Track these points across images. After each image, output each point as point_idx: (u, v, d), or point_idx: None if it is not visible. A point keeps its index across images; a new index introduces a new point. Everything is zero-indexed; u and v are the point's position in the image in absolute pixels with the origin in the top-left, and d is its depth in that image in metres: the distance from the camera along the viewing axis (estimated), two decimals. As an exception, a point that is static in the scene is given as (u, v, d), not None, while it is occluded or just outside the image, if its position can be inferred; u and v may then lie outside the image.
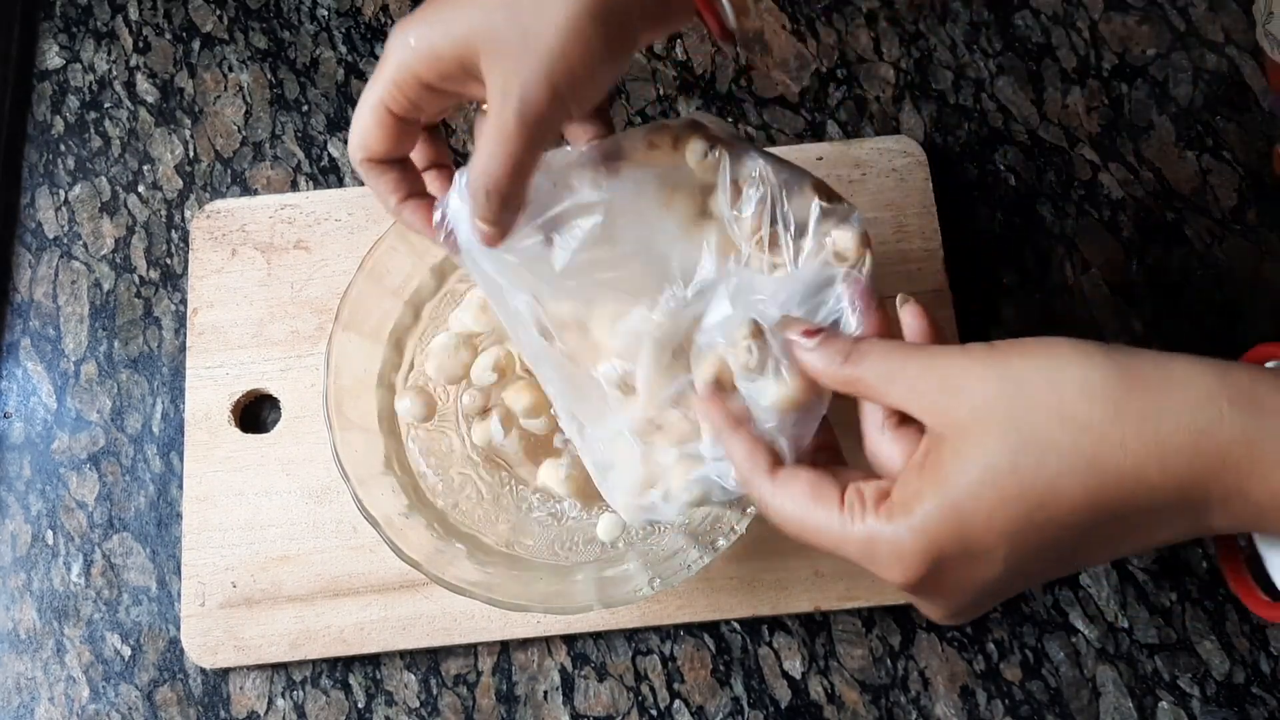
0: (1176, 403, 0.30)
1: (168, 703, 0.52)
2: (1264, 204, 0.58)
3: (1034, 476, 0.30)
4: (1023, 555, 0.31)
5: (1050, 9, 0.62)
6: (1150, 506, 0.30)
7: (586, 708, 0.51)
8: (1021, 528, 0.31)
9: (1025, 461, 0.30)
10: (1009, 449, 0.30)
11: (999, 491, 0.30)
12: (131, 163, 0.61)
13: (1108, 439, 0.30)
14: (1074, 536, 0.31)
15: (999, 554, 0.31)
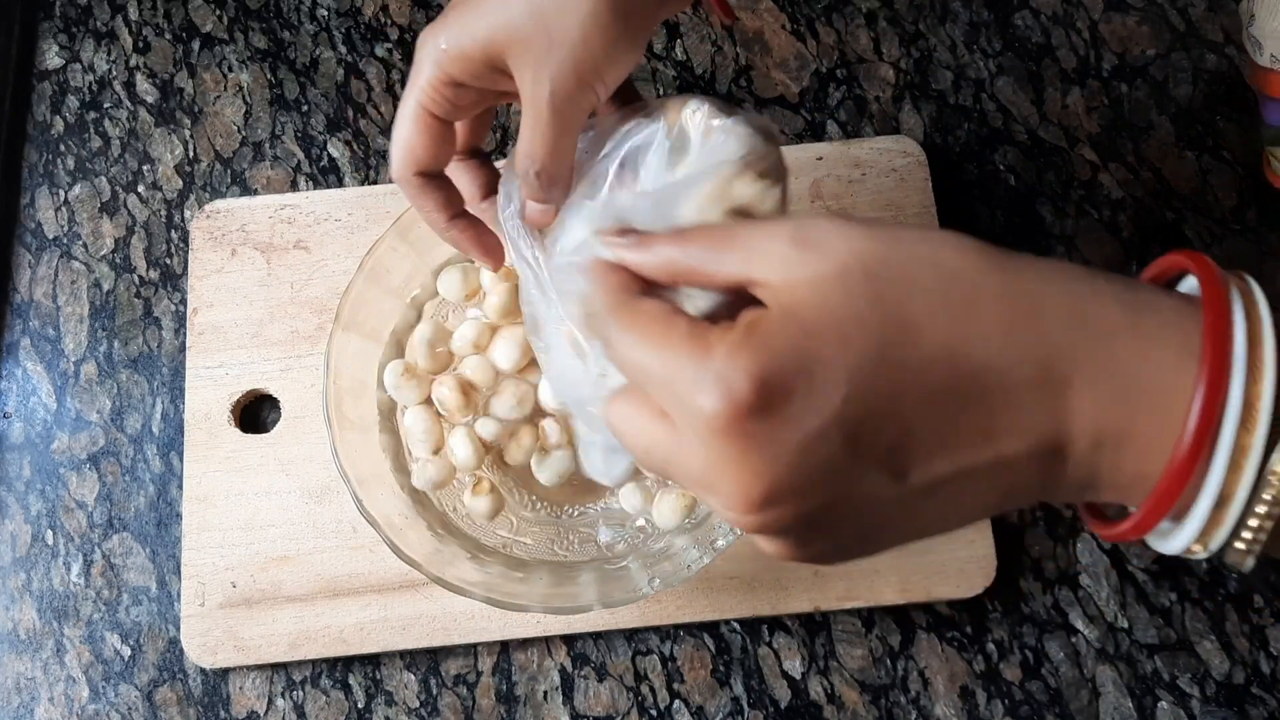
0: (1054, 273, 0.28)
1: (167, 703, 0.52)
2: (1264, 204, 0.58)
3: (897, 311, 0.27)
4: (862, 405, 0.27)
5: (1050, 9, 0.62)
6: (1010, 376, 0.27)
7: (586, 708, 0.51)
8: (871, 364, 0.27)
9: (890, 295, 0.27)
10: (874, 281, 0.27)
11: (856, 316, 0.27)
12: (131, 163, 0.61)
13: (981, 287, 0.27)
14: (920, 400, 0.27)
15: (838, 391, 0.27)
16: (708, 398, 0.27)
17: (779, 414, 0.27)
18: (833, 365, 0.27)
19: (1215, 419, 0.26)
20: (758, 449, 0.27)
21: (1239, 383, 0.26)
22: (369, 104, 0.62)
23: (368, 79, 0.62)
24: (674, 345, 0.28)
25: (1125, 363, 0.27)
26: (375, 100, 0.62)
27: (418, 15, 0.63)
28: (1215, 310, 0.27)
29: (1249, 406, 0.26)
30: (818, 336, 0.27)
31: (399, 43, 0.63)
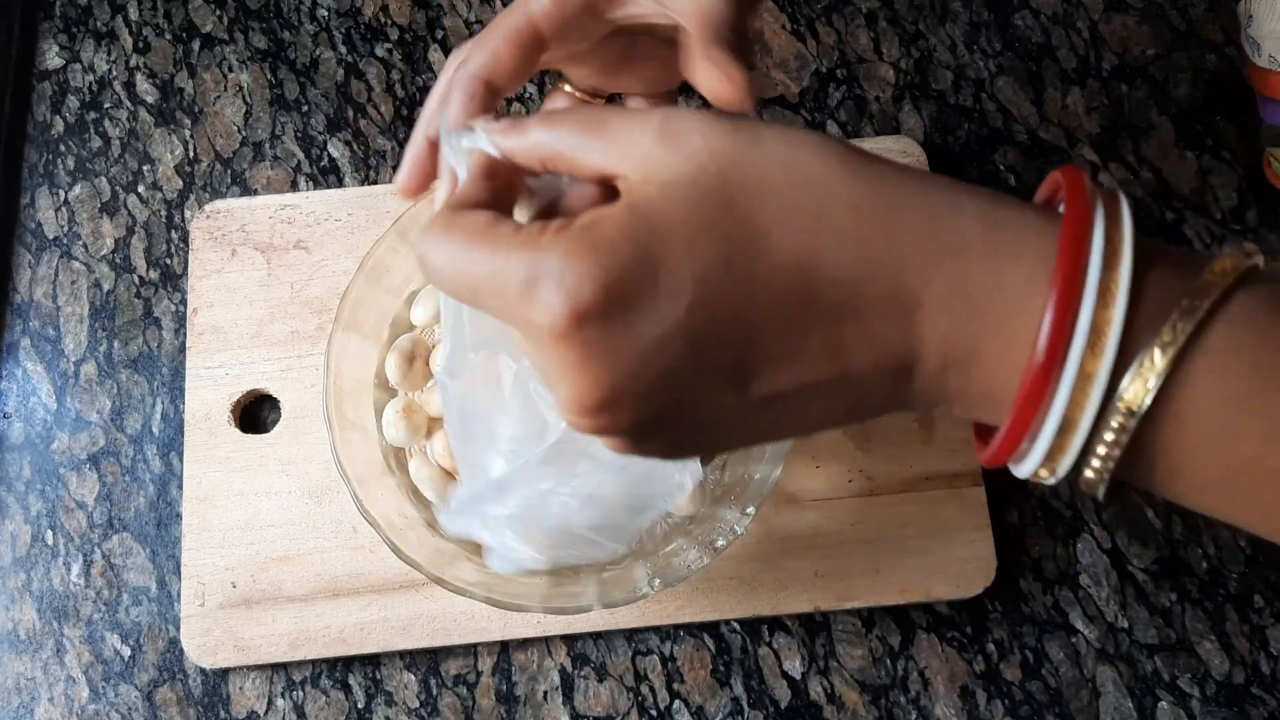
0: (913, 184, 0.27)
1: (167, 703, 0.52)
2: (1264, 204, 0.58)
3: (749, 216, 0.26)
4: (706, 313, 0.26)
5: (1050, 9, 0.62)
6: (860, 291, 0.26)
7: (586, 708, 0.51)
8: (718, 271, 0.26)
9: (743, 200, 0.26)
10: (728, 185, 0.26)
11: (706, 221, 0.26)
12: (131, 163, 0.61)
13: (836, 196, 0.26)
14: (766, 310, 0.26)
15: (683, 298, 0.25)
16: (542, 301, 0.25)
17: (618, 319, 0.25)
18: (678, 271, 0.26)
19: (1063, 344, 0.25)
20: (597, 355, 0.26)
21: (1089, 307, 0.25)
22: (369, 104, 0.62)
23: (368, 79, 0.62)
24: (501, 248, 0.26)
25: (976, 281, 0.26)
26: (375, 100, 0.62)
27: (417, 15, 0.63)
28: (1073, 230, 0.26)
29: (1097, 331, 0.25)
30: (664, 239, 0.26)
31: (399, 43, 0.63)
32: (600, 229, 0.26)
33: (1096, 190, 0.27)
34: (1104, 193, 0.27)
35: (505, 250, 0.26)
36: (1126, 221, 0.26)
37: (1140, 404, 0.25)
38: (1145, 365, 0.25)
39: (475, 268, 0.27)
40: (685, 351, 0.26)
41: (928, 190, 0.27)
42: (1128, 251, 0.26)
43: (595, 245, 0.25)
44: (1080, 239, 0.26)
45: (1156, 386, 0.25)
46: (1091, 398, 0.25)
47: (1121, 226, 0.26)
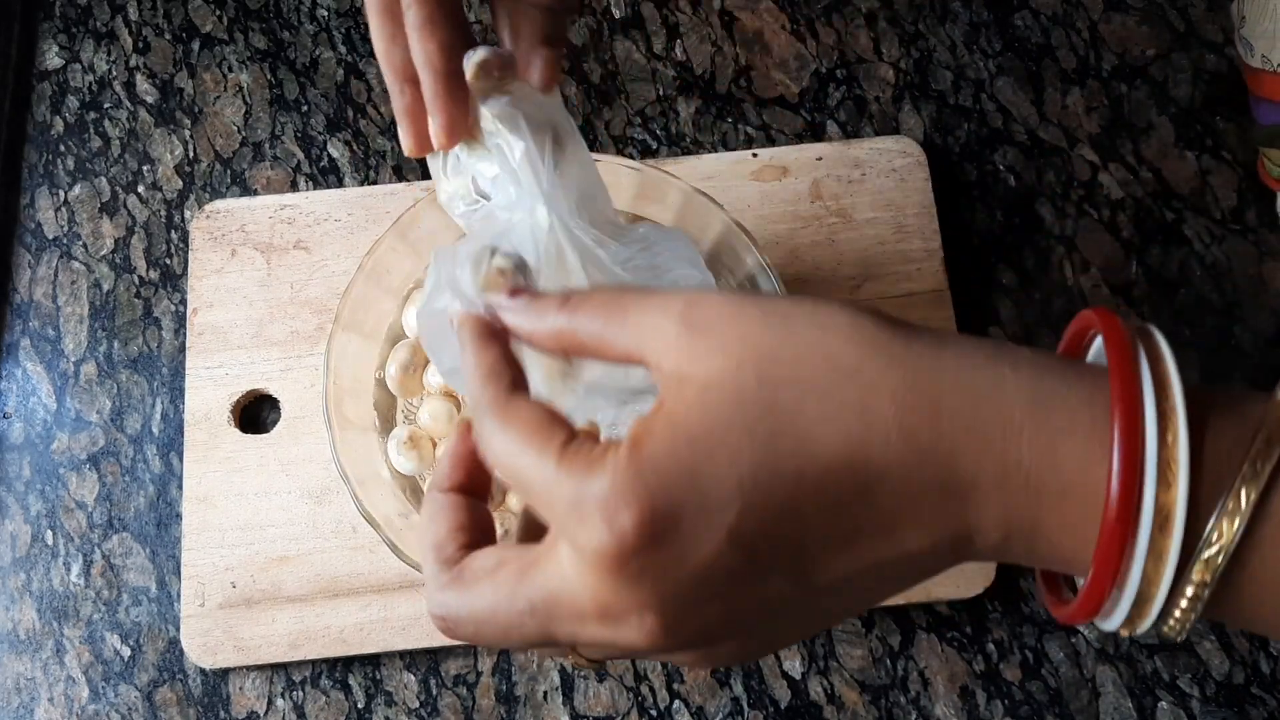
0: (954, 362, 0.26)
1: (167, 703, 0.52)
2: (1264, 204, 0.58)
3: (792, 418, 0.26)
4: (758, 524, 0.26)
5: (1050, 9, 0.62)
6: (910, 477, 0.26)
7: (586, 708, 0.51)
8: (766, 478, 0.25)
9: (784, 399, 0.26)
10: (766, 385, 0.26)
11: (748, 430, 0.25)
12: (131, 163, 0.61)
13: (877, 388, 0.26)
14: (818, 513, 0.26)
15: (732, 507, 0.25)
16: (593, 531, 0.25)
17: (670, 544, 0.25)
18: (724, 483, 0.25)
19: (1131, 521, 0.25)
20: (653, 572, 0.26)
21: (1151, 486, 0.25)
22: (369, 104, 0.62)
23: (368, 79, 0.62)
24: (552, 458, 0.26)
25: (1029, 462, 0.26)
26: (375, 100, 0.62)
27: (417, 15, 0.63)
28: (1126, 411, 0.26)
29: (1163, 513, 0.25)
30: (707, 454, 0.25)
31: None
32: (643, 451, 0.26)
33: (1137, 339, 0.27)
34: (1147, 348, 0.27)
35: (556, 464, 0.26)
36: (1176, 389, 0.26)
37: (1214, 574, 0.25)
38: (1215, 537, 0.25)
39: (530, 471, 0.27)
40: (739, 557, 0.26)
41: (969, 369, 0.27)
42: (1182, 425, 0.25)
43: (640, 472, 0.25)
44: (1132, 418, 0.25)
45: (1228, 556, 0.25)
46: (1165, 575, 0.26)
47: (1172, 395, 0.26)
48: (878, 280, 0.56)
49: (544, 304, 0.30)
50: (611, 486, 0.25)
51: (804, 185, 0.57)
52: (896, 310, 0.55)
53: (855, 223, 0.57)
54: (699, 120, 0.61)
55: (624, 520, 0.25)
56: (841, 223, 0.57)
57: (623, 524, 0.25)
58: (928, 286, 0.55)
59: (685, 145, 0.60)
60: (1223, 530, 0.25)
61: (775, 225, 0.57)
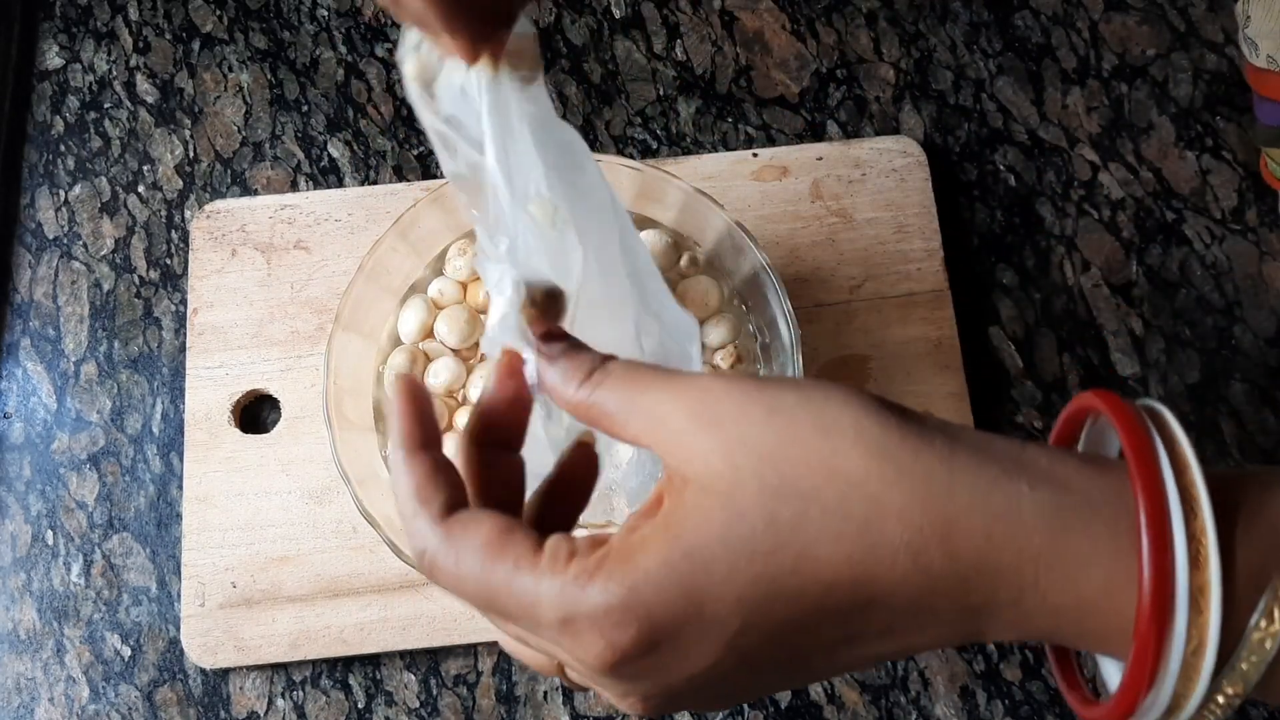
0: (967, 478, 0.25)
1: (168, 703, 0.52)
2: (1264, 204, 0.58)
3: (791, 533, 0.24)
4: (758, 637, 0.25)
5: (1050, 9, 0.62)
6: (920, 598, 0.25)
7: (586, 708, 0.51)
8: (766, 595, 0.24)
9: (784, 513, 0.25)
10: (767, 495, 0.25)
11: (748, 544, 0.24)
12: (131, 163, 0.61)
13: (883, 503, 0.25)
14: (820, 624, 0.25)
15: (731, 627, 0.25)
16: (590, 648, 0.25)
17: (667, 651, 0.25)
18: (723, 600, 0.24)
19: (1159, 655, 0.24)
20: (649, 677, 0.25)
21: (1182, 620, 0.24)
22: (369, 104, 0.62)
23: (368, 79, 0.62)
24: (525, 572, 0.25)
25: (1048, 587, 0.25)
26: (375, 100, 0.62)
27: (418, 15, 0.63)
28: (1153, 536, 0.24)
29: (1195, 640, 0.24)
30: (704, 569, 0.24)
31: (399, 43, 0.63)
32: (639, 565, 0.25)
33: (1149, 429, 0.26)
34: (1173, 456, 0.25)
35: (531, 577, 0.25)
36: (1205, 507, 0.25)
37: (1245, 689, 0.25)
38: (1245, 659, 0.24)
39: (499, 594, 0.26)
40: (736, 663, 0.25)
41: (983, 487, 0.25)
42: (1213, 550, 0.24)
43: (636, 588, 0.25)
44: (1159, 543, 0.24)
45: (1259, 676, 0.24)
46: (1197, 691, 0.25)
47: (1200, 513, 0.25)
48: (878, 280, 0.56)
49: (572, 370, 0.29)
50: (606, 605, 0.24)
51: (804, 185, 0.57)
52: (898, 310, 0.55)
53: (855, 222, 0.57)
54: (699, 120, 0.61)
55: (622, 640, 0.25)
56: (842, 222, 0.57)
57: (622, 643, 0.25)
58: (928, 286, 0.55)
59: (685, 145, 0.60)
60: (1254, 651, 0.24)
61: (775, 225, 0.57)
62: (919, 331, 0.55)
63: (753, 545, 0.25)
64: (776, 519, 0.25)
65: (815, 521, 0.25)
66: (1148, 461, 0.25)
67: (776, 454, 0.25)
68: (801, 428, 0.26)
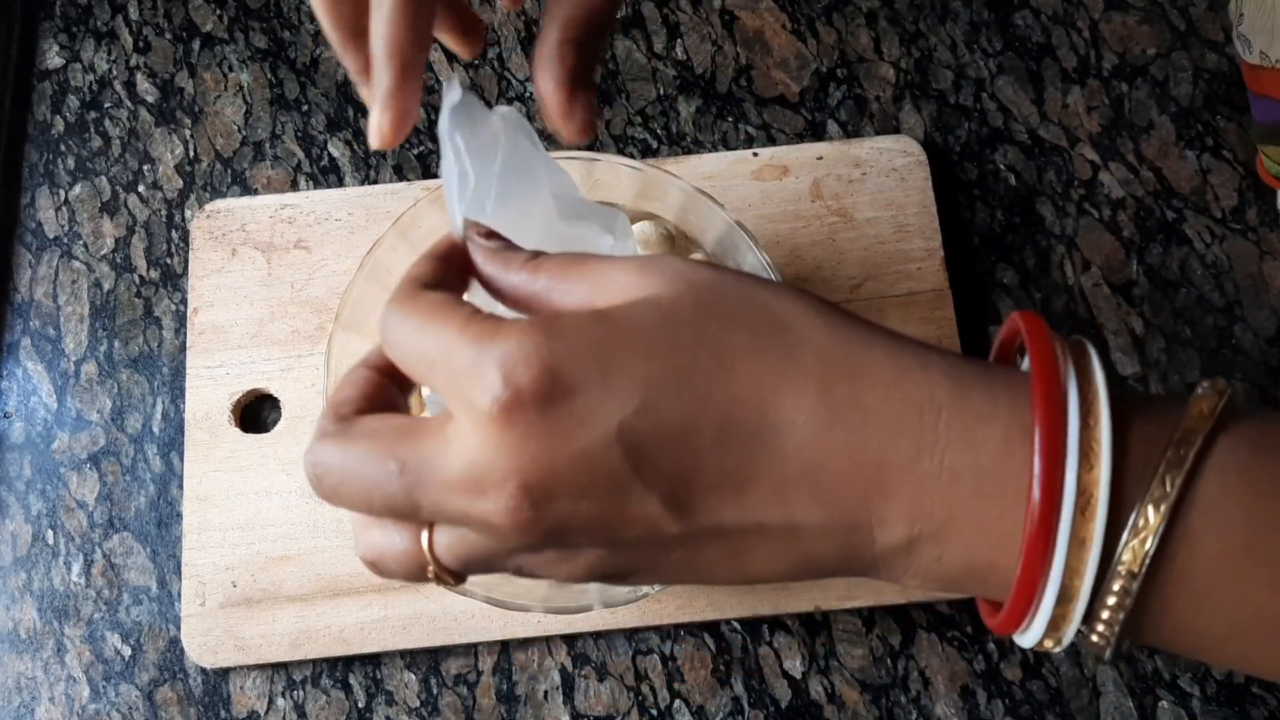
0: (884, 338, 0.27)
1: (168, 702, 0.52)
2: (1264, 204, 0.58)
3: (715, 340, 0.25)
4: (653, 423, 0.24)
5: (1050, 9, 0.62)
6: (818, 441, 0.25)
7: (587, 707, 0.51)
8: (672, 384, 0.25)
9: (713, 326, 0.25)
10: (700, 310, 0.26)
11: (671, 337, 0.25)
12: (131, 162, 0.61)
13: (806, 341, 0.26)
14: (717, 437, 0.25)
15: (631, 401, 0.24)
16: (488, 382, 0.24)
17: (561, 408, 0.24)
18: (631, 372, 0.25)
19: (1054, 510, 0.24)
20: (536, 438, 0.24)
21: (1073, 470, 0.24)
22: (369, 104, 0.62)
23: (368, 79, 0.62)
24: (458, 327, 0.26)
25: (947, 442, 0.25)
26: (375, 100, 0.62)
27: None
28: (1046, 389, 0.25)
29: (1085, 495, 0.24)
30: (624, 343, 0.25)
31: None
32: (560, 321, 0.25)
33: (1063, 342, 0.26)
34: (1071, 345, 0.26)
35: (461, 328, 0.26)
36: (1099, 375, 0.25)
37: (1140, 565, 0.24)
38: (1140, 524, 0.24)
39: (431, 343, 0.26)
40: (625, 457, 0.25)
41: (897, 348, 0.26)
42: (1104, 406, 0.25)
43: (550, 334, 0.25)
44: (1052, 395, 0.25)
45: (1154, 545, 0.24)
46: (1089, 563, 0.24)
47: (1094, 381, 0.25)
48: (878, 279, 0.56)
49: (512, 257, 0.29)
50: (518, 344, 0.25)
51: (804, 184, 0.57)
52: (898, 310, 0.55)
53: (856, 222, 0.57)
54: (699, 119, 0.61)
55: (521, 376, 0.24)
56: (842, 222, 0.57)
57: (519, 380, 0.24)
58: (928, 286, 0.55)
59: (686, 145, 0.60)
60: (1148, 517, 0.24)
61: (776, 224, 0.57)
62: (919, 331, 0.55)
63: (675, 339, 0.25)
64: (704, 328, 0.26)
65: (740, 339, 0.26)
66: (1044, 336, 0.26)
67: (719, 287, 0.27)
68: (747, 279, 0.27)
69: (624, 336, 0.25)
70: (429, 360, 0.26)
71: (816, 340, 0.26)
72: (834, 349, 0.26)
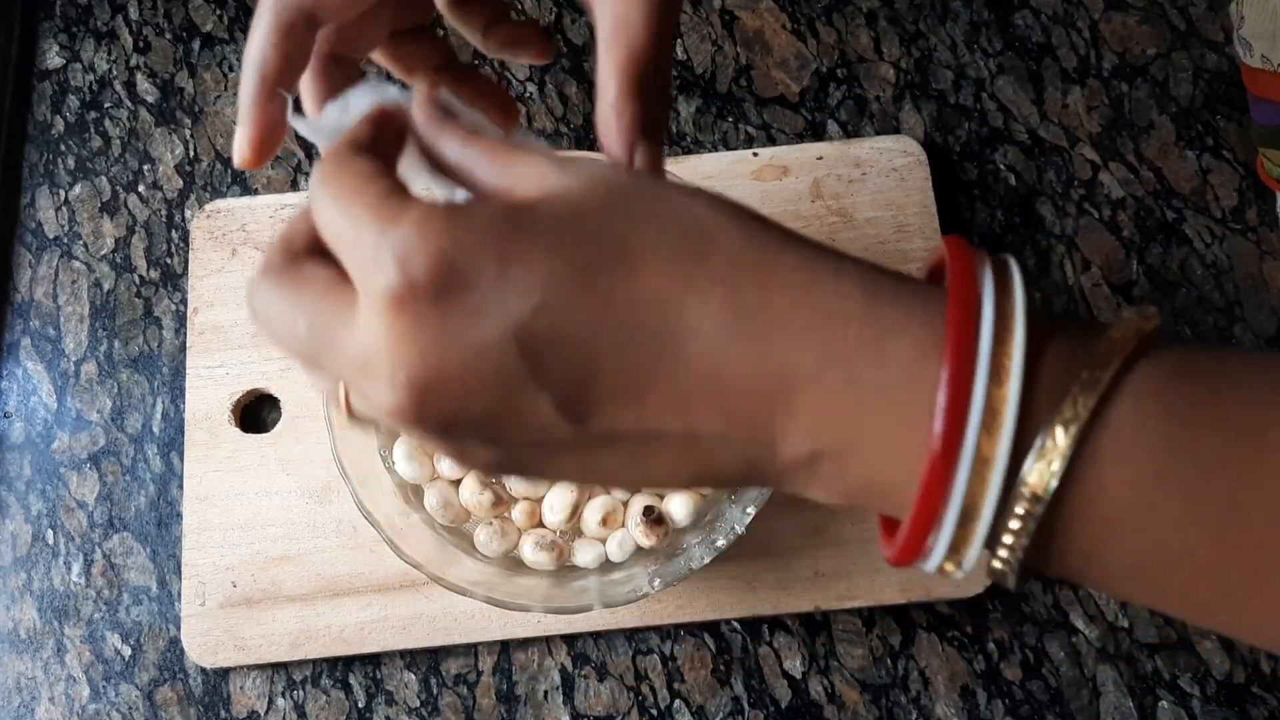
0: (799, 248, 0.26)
1: (168, 702, 0.52)
2: (1264, 204, 0.58)
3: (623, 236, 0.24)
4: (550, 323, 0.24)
5: (1050, 9, 0.62)
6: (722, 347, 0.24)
7: (587, 707, 0.51)
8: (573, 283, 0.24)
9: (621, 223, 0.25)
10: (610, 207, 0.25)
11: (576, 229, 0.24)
12: (132, 162, 0.61)
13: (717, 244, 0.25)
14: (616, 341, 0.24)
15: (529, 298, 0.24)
16: (384, 267, 0.24)
17: (455, 301, 0.24)
18: (531, 270, 0.24)
19: (959, 428, 0.23)
20: (426, 331, 0.24)
21: (981, 385, 0.23)
22: (369, 104, 0.62)
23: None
24: (367, 205, 0.25)
25: (854, 352, 0.24)
26: (375, 100, 0.62)
27: (418, 15, 0.63)
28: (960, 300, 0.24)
29: (992, 411, 0.23)
30: (527, 238, 0.24)
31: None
32: (465, 212, 0.24)
33: (985, 257, 0.25)
34: (993, 260, 0.25)
35: (370, 205, 0.25)
36: (1018, 291, 0.24)
37: (1045, 488, 0.23)
38: (1047, 445, 0.23)
39: (342, 217, 0.25)
40: (520, 355, 0.24)
41: (811, 255, 0.26)
42: (1020, 323, 0.24)
43: (452, 223, 0.24)
44: (967, 308, 0.24)
45: (1061, 468, 0.23)
46: (992, 483, 0.23)
47: (1013, 297, 0.24)
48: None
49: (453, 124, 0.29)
50: (418, 232, 0.24)
51: (804, 184, 0.57)
52: (897, 310, 0.55)
53: (856, 222, 0.57)
54: (699, 119, 0.61)
55: (416, 266, 0.23)
56: (842, 222, 0.57)
57: (414, 268, 0.23)
58: (928, 286, 0.55)
59: (686, 144, 0.60)
60: (1055, 439, 0.23)
61: (776, 225, 0.57)
62: (919, 331, 0.55)
63: (580, 234, 0.24)
64: (612, 224, 0.25)
65: (649, 237, 0.25)
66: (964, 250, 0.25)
67: (632, 187, 0.26)
68: (664, 183, 0.26)
69: (528, 234, 0.24)
70: (338, 233, 0.26)
71: (728, 243, 0.25)
72: (746, 253, 0.25)
